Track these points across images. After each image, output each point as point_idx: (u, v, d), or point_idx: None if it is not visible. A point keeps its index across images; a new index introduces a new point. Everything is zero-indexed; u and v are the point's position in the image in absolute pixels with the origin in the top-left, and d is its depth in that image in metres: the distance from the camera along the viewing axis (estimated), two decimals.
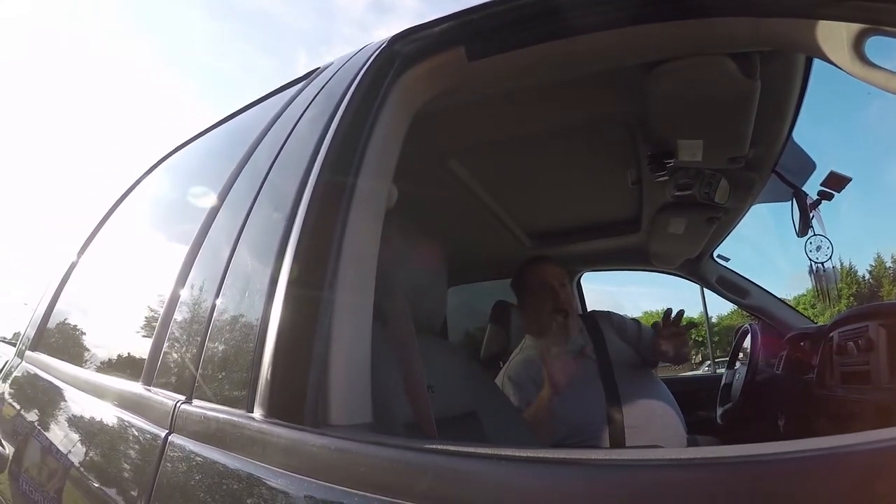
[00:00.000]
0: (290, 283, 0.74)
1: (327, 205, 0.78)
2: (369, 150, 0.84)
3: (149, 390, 0.96)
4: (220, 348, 0.83)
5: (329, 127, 0.88)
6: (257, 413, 0.69)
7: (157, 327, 1.02)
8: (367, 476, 0.54)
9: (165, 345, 0.98)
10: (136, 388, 1.00)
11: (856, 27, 0.73)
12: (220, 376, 0.81)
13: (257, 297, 0.78)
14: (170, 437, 0.80)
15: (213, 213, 1.05)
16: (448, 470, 0.50)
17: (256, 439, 0.67)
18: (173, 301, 1.01)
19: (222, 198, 1.05)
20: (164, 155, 1.80)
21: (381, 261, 0.83)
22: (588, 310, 3.09)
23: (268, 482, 0.61)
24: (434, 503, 0.48)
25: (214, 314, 0.87)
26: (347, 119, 0.88)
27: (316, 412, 0.65)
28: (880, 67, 0.74)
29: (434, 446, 0.53)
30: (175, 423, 0.82)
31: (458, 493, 0.49)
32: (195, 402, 0.82)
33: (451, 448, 0.52)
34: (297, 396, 0.66)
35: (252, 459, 0.65)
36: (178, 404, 0.83)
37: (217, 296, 0.88)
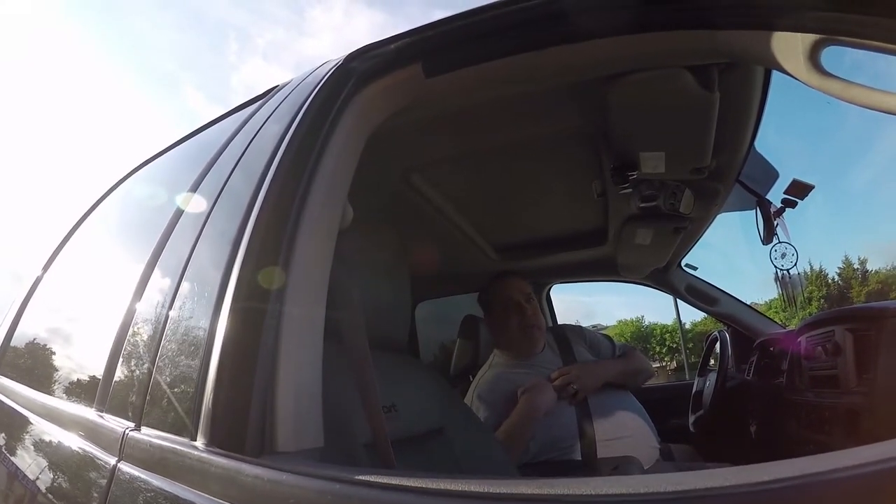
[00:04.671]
0: (234, 306, 0.73)
1: (273, 225, 0.78)
2: (321, 168, 0.83)
3: (101, 416, 0.95)
4: (168, 374, 0.82)
5: (280, 145, 0.88)
6: (200, 441, 0.69)
7: (110, 351, 1.00)
8: None
9: (117, 369, 0.97)
10: (89, 413, 0.99)
11: (811, 38, 0.73)
12: (166, 403, 0.80)
13: (203, 320, 0.77)
14: (119, 465, 0.79)
15: (168, 234, 1.04)
16: (373, 502, 0.50)
17: (196, 468, 0.66)
18: (126, 323, 1.00)
19: (176, 219, 1.04)
20: (127, 172, 1.79)
21: (337, 278, 0.83)
22: (558, 322, 3.11)
23: None
24: None
25: (163, 339, 0.86)
26: (299, 137, 0.88)
27: (261, 439, 0.64)
28: (836, 77, 0.75)
29: (362, 478, 0.52)
30: (124, 450, 0.81)
31: None
32: (144, 429, 0.81)
33: (378, 480, 0.51)
34: (238, 424, 0.65)
35: (193, 489, 0.65)
36: (127, 431, 0.82)
37: (166, 320, 0.87)
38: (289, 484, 0.56)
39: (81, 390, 1.19)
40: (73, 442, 0.99)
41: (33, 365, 1.63)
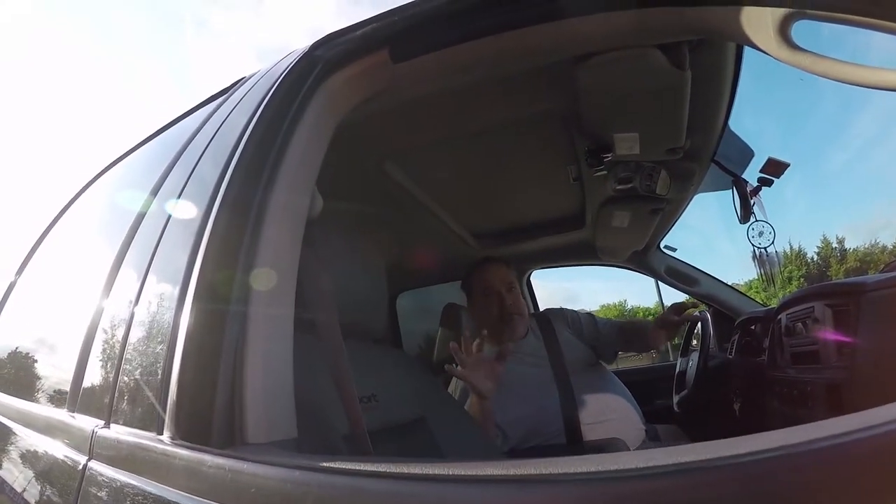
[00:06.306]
0: (197, 299, 0.72)
1: (236, 218, 0.76)
2: (287, 157, 0.82)
3: (73, 417, 0.94)
4: (135, 371, 0.81)
5: (243, 135, 0.86)
6: (166, 435, 0.68)
7: (79, 353, 1.00)
8: (256, 497, 0.53)
9: (87, 370, 0.96)
10: (61, 414, 0.99)
11: (780, 12, 0.73)
12: (134, 399, 0.79)
13: (167, 315, 0.76)
14: (89, 464, 0.79)
15: (133, 232, 1.03)
16: (331, 487, 0.49)
17: (162, 462, 0.65)
18: (94, 323, 0.99)
19: (141, 217, 1.03)
20: (98, 172, 1.77)
21: (308, 270, 0.82)
22: (540, 308, 3.11)
23: None
24: None
25: (130, 335, 0.85)
26: (263, 126, 0.86)
27: (230, 431, 0.63)
28: (806, 50, 0.74)
29: (323, 464, 0.51)
30: (93, 449, 0.80)
31: None
32: (113, 426, 0.80)
33: (336, 465, 0.50)
34: (203, 416, 0.64)
35: (159, 483, 0.64)
36: (97, 430, 0.82)
37: (132, 317, 0.86)
38: (250, 473, 0.55)
39: (56, 393, 1.18)
40: (47, 444, 0.99)
41: (12, 372, 1.61)
